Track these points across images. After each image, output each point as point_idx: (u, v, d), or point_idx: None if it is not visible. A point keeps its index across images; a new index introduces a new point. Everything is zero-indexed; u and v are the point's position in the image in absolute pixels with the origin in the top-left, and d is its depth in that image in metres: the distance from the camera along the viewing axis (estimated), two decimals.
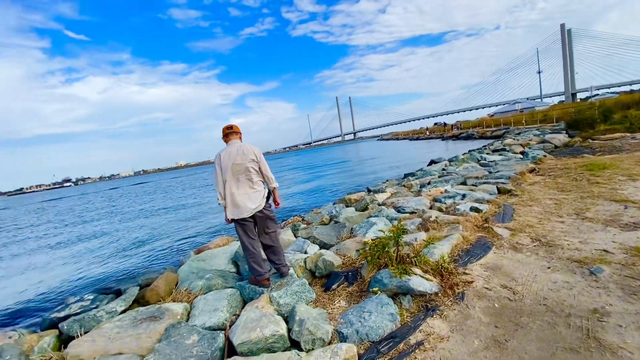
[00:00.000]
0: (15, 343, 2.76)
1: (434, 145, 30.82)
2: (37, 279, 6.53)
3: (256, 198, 2.94)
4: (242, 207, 2.89)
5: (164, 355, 2.07)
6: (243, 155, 2.89)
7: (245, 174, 2.90)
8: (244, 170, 2.89)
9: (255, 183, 2.97)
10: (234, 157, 2.88)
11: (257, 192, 2.97)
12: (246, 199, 2.90)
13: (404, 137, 66.87)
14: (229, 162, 2.88)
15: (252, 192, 2.94)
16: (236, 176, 2.89)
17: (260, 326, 2.18)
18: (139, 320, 2.69)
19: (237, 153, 2.90)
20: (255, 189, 2.97)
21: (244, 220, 2.94)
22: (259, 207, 2.95)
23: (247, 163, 2.89)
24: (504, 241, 3.48)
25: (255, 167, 2.95)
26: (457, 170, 8.51)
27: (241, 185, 2.92)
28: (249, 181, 2.93)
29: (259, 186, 3.00)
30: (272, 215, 3.10)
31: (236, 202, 2.89)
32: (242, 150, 2.92)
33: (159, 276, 3.67)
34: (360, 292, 2.92)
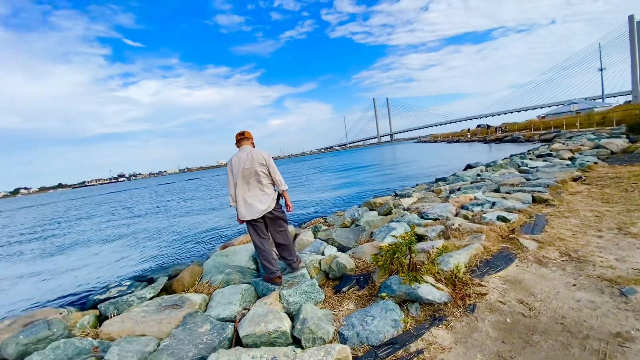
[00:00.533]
0: (63, 319, 3.15)
1: (475, 149, 29.31)
2: (89, 265, 7.30)
3: (266, 200, 3.10)
4: (253, 209, 3.05)
5: (178, 340, 2.27)
6: (252, 160, 3.05)
7: (255, 177, 3.06)
8: (253, 174, 3.05)
9: (265, 186, 3.12)
10: (244, 162, 3.05)
11: (266, 195, 3.12)
12: (257, 201, 3.06)
13: (443, 139, 64.31)
14: (239, 167, 3.05)
15: (262, 194, 3.10)
16: (247, 180, 3.06)
17: (266, 321, 2.30)
18: (163, 307, 2.95)
19: (247, 158, 3.07)
20: (265, 191, 3.12)
21: (255, 221, 3.11)
22: (268, 208, 3.10)
23: (257, 167, 3.05)
24: (529, 254, 3.29)
25: (265, 170, 3.10)
26: (492, 176, 8.08)
27: (252, 188, 3.08)
28: (259, 184, 3.09)
29: (268, 189, 3.15)
30: (282, 215, 3.25)
31: (247, 204, 3.07)
32: (251, 155, 3.08)
33: (185, 268, 3.96)
34: (369, 297, 2.94)
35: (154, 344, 2.31)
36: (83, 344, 2.49)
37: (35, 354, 2.35)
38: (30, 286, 6.28)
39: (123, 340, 2.35)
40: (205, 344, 2.21)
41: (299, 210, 9.92)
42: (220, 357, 1.90)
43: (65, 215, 22.31)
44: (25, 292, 5.89)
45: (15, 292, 5.98)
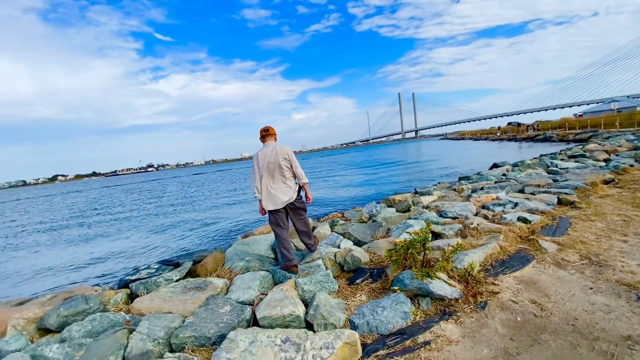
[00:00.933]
0: (99, 295, 3.47)
1: (504, 148, 28.24)
2: (121, 248, 7.83)
3: (288, 192, 3.31)
4: (276, 200, 3.27)
5: (201, 318, 2.47)
6: (277, 155, 3.25)
7: (278, 170, 3.27)
8: (277, 167, 3.26)
9: (288, 179, 3.33)
10: (269, 156, 3.25)
11: (289, 187, 3.33)
12: (280, 193, 3.28)
13: (470, 136, 62.27)
14: (265, 161, 3.26)
15: (284, 187, 3.31)
16: (271, 173, 3.27)
17: (281, 306, 2.45)
18: (188, 289, 3.18)
19: (271, 153, 3.27)
20: (287, 184, 3.33)
21: (277, 211, 3.32)
22: (290, 199, 3.32)
23: (280, 161, 3.26)
24: (548, 256, 3.24)
25: (288, 164, 3.30)
26: (518, 176, 7.84)
27: (275, 180, 3.29)
28: (282, 177, 3.30)
29: (290, 182, 3.36)
30: (302, 206, 3.49)
31: (271, 195, 3.28)
32: (276, 150, 3.28)
33: (209, 255, 4.21)
34: (382, 290, 3.03)
35: (179, 321, 2.53)
36: (116, 318, 2.76)
37: (75, 325, 2.63)
38: (69, 265, 6.84)
39: (152, 316, 2.58)
40: (225, 323, 2.39)
41: (318, 205, 10.09)
42: (238, 334, 2.07)
43: (101, 202, 23.76)
44: (64, 270, 6.43)
45: (56, 270, 6.54)
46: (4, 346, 2.45)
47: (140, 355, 2.18)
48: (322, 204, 10.17)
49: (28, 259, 8.14)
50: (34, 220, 17.12)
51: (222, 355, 1.88)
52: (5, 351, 2.41)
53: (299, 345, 1.93)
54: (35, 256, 8.33)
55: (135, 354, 2.19)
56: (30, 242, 10.80)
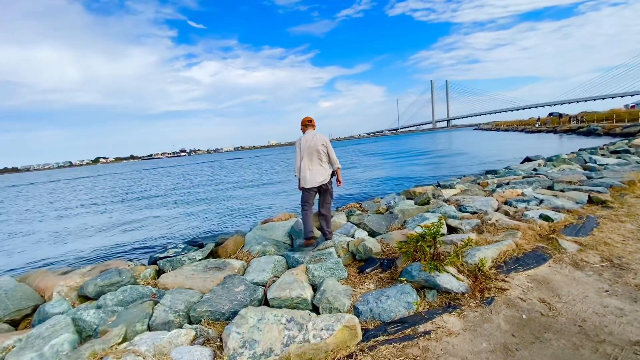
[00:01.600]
0: (131, 269, 3.82)
1: (542, 140, 26.63)
2: (154, 227, 8.41)
3: (324, 173, 3.76)
4: (312, 179, 3.69)
5: (218, 295, 2.69)
6: (316, 141, 3.71)
7: (316, 154, 3.71)
8: (316, 152, 3.71)
9: (324, 162, 3.78)
10: (310, 142, 3.71)
11: (324, 169, 3.78)
12: (316, 174, 3.72)
13: (506, 127, 59.00)
14: (305, 145, 3.70)
15: (321, 169, 3.75)
16: (310, 156, 3.70)
17: (291, 288, 2.61)
18: (208, 268, 3.43)
19: (312, 139, 3.73)
20: (323, 167, 3.78)
21: (310, 190, 3.74)
22: (324, 180, 3.75)
23: (319, 147, 3.71)
24: (566, 256, 3.15)
25: (325, 150, 3.75)
26: (549, 171, 7.45)
27: (313, 163, 3.72)
28: (319, 160, 3.73)
29: (326, 165, 3.81)
30: (331, 190, 3.91)
31: (308, 175, 3.71)
32: (316, 137, 3.75)
33: (230, 237, 4.46)
34: (390, 280, 3.10)
35: (198, 296, 2.76)
36: (144, 291, 3.05)
37: (109, 294, 2.95)
38: (108, 241, 7.48)
39: (175, 291, 2.84)
40: (239, 301, 2.59)
41: (338, 194, 10.19)
42: (248, 312, 2.25)
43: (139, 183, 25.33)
44: (104, 245, 7.05)
45: (97, 245, 7.18)
46: (50, 309, 2.81)
47: (162, 324, 2.43)
48: (342, 194, 10.25)
49: (74, 233, 8.97)
50: (84, 199, 18.64)
51: (233, 329, 2.07)
52: (51, 313, 2.76)
53: (302, 325, 2.07)
54: (80, 231, 9.17)
55: (159, 322, 2.44)
56: (78, 218, 11.83)
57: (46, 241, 8.34)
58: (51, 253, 6.91)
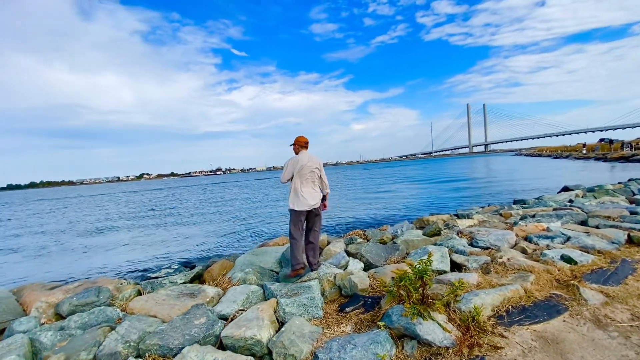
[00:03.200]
0: (116, 289, 3.76)
1: (588, 168, 24.42)
2: (169, 244, 8.55)
3: (316, 197, 3.61)
4: (303, 202, 3.50)
5: (174, 327, 2.50)
6: (312, 163, 3.58)
7: (310, 176, 3.57)
8: (310, 174, 3.56)
9: (316, 185, 3.65)
10: (305, 163, 3.54)
11: (317, 193, 3.64)
12: (308, 196, 3.54)
13: (549, 153, 55.22)
14: (300, 166, 3.54)
15: (313, 191, 3.60)
16: (304, 177, 3.54)
17: (248, 327, 2.35)
18: (183, 294, 3.27)
19: (307, 160, 3.57)
20: (315, 190, 3.63)
21: (301, 213, 3.54)
22: (316, 204, 3.59)
23: (313, 169, 3.58)
24: (587, 309, 2.61)
25: (318, 173, 3.63)
26: (586, 204, 6.62)
27: (306, 184, 3.56)
28: (312, 182, 3.59)
29: (318, 188, 3.67)
30: (321, 215, 3.73)
31: (301, 197, 3.52)
32: (312, 159, 3.61)
33: (217, 262, 4.31)
34: (371, 322, 2.74)
35: (155, 326, 2.59)
36: (112, 314, 2.94)
37: (76, 315, 2.87)
38: (119, 255, 7.66)
39: (135, 318, 2.69)
40: (191, 336, 2.37)
41: (347, 219, 9.83)
42: (190, 351, 2.03)
43: (172, 199, 26.53)
44: (113, 259, 7.21)
45: (107, 258, 7.37)
46: (17, 326, 2.78)
47: (108, 355, 2.27)
48: (352, 219, 9.86)
49: (95, 246, 9.36)
50: (121, 212, 19.77)
51: None
52: (16, 331, 2.72)
53: None
54: (95, 243, 9.57)
55: (105, 353, 2.28)
56: (103, 232, 12.44)
57: (69, 253, 8.75)
58: (66, 265, 7.18)
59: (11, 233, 14.03)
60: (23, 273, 6.82)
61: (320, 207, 3.71)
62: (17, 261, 8.24)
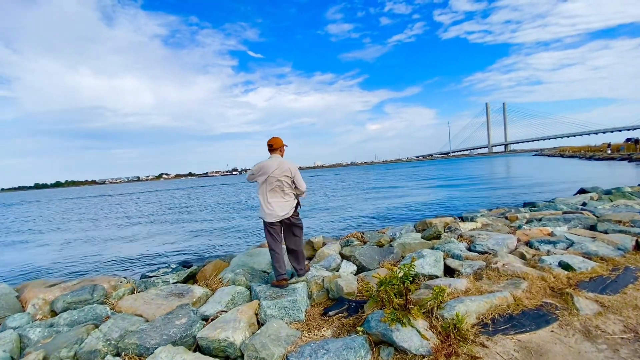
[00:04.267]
0: (112, 287, 3.87)
1: (612, 169, 23.34)
2: (177, 242, 8.75)
3: (286, 207, 3.33)
4: (271, 213, 3.29)
5: (154, 327, 2.54)
6: (280, 170, 3.29)
7: (278, 185, 3.30)
8: (278, 182, 3.29)
9: (287, 194, 3.35)
10: (272, 170, 3.28)
11: (287, 202, 3.35)
12: (277, 207, 3.30)
13: (572, 153, 53.00)
14: (266, 174, 3.29)
15: (282, 201, 3.33)
16: (271, 186, 3.30)
17: (223, 328, 2.36)
18: (172, 294, 3.33)
19: (276, 167, 3.30)
20: (285, 199, 3.35)
21: (272, 224, 3.33)
22: (286, 214, 3.33)
23: (282, 177, 3.29)
24: (579, 319, 2.48)
25: (289, 180, 3.33)
26: (599, 207, 6.31)
27: (274, 194, 3.32)
28: (281, 192, 3.32)
29: (289, 197, 3.38)
30: (298, 223, 3.46)
31: (268, 208, 3.30)
32: (282, 165, 3.32)
33: (211, 262, 4.36)
34: (352, 327, 2.70)
35: (138, 325, 2.64)
36: (100, 312, 3.02)
37: (66, 312, 2.97)
38: (126, 253, 7.88)
39: (120, 316, 2.76)
40: (169, 336, 2.40)
41: (350, 219, 9.75)
42: (162, 351, 2.06)
43: (190, 198, 27.14)
44: (119, 257, 7.43)
45: (114, 256, 7.59)
46: (9, 322, 2.90)
47: (87, 352, 2.33)
48: (355, 219, 9.77)
49: (103, 243, 9.68)
50: (138, 210, 20.39)
51: None
52: (7, 327, 2.83)
53: None
54: (109, 240, 9.89)
55: (85, 350, 2.34)
56: (119, 228, 12.85)
57: (82, 249, 9.08)
58: (74, 262, 7.45)
59: (34, 229, 14.71)
60: (33, 268, 7.12)
61: (295, 216, 3.40)
62: (32, 257, 8.61)
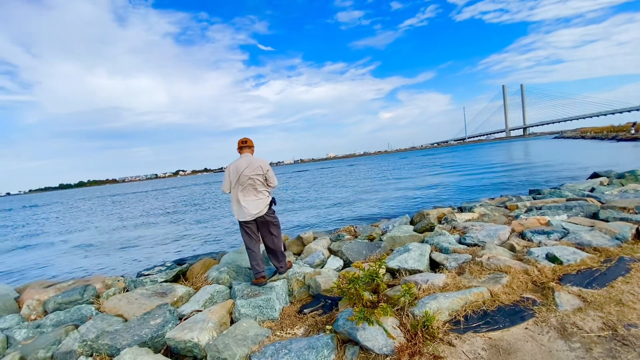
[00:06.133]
0: (105, 286, 3.99)
1: (638, 150, 22.17)
2: (173, 240, 8.95)
3: (259, 205, 3.31)
4: (246, 212, 3.29)
5: (128, 327, 2.60)
6: (251, 168, 3.27)
7: (250, 183, 3.29)
8: (250, 180, 3.28)
9: (259, 192, 3.34)
10: (242, 169, 3.27)
11: (260, 200, 3.33)
12: (250, 205, 3.29)
13: (594, 135, 50.64)
14: (238, 173, 3.28)
15: (255, 199, 3.31)
16: (243, 185, 3.29)
17: (191, 329, 2.39)
18: (155, 293, 3.40)
19: (245, 165, 3.29)
20: (259, 197, 3.33)
21: (247, 223, 3.34)
22: (260, 213, 3.31)
23: (253, 175, 3.28)
24: (556, 315, 2.37)
25: (261, 178, 3.33)
26: (607, 193, 6.01)
27: (247, 193, 3.31)
28: (254, 190, 3.31)
29: (262, 195, 3.36)
30: (274, 221, 3.44)
31: (242, 207, 3.30)
32: (252, 163, 3.31)
33: (201, 259, 4.42)
34: (325, 325, 2.69)
35: (114, 326, 2.71)
36: (87, 313, 3.12)
37: (54, 313, 3.08)
38: (131, 252, 8.13)
39: (99, 316, 2.84)
40: (140, 337, 2.46)
41: (349, 212, 9.67)
42: (127, 353, 2.10)
43: (200, 194, 27.69)
44: (125, 256, 7.67)
45: (115, 256, 7.84)
46: (0, 323, 3.03)
47: (64, 353, 2.41)
48: (354, 212, 9.68)
49: (111, 242, 10.02)
50: (154, 207, 20.99)
51: None
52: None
53: None
54: (117, 239, 10.23)
55: (62, 351, 2.43)
56: (129, 226, 13.27)
57: (92, 249, 9.44)
58: (79, 262, 7.75)
59: (51, 231, 15.38)
60: (43, 269, 7.45)
61: (270, 214, 3.37)
62: (47, 257, 9.02)
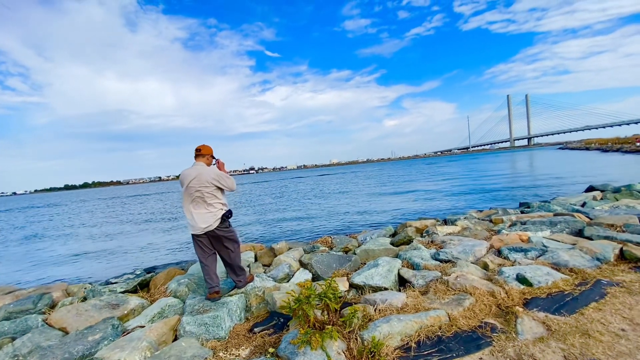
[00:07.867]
0: (65, 295, 3.85)
1: None
2: (155, 247, 8.83)
3: (209, 219, 3.09)
4: (194, 226, 3.09)
5: (63, 344, 2.45)
6: (199, 180, 3.06)
7: (199, 196, 3.08)
8: (198, 192, 3.07)
9: (209, 205, 3.11)
10: (189, 180, 3.07)
11: (210, 214, 3.11)
12: (199, 219, 3.08)
13: (599, 146, 50.19)
14: (185, 183, 3.09)
15: (205, 212, 3.10)
16: (192, 197, 3.09)
17: (122, 348, 2.25)
18: (108, 305, 3.25)
19: (193, 176, 3.07)
20: (209, 210, 3.11)
21: (198, 236, 3.14)
22: (210, 227, 3.10)
23: (202, 187, 3.06)
24: (514, 345, 2.20)
25: (210, 190, 3.09)
26: (597, 208, 5.79)
27: (196, 205, 3.11)
28: (204, 202, 3.10)
29: (213, 208, 3.13)
30: (228, 235, 3.22)
31: (191, 219, 3.12)
32: (201, 174, 3.08)
33: (166, 269, 4.28)
34: (272, 345, 2.53)
35: (51, 342, 2.57)
36: (32, 324, 2.97)
37: (0, 323, 2.94)
38: (109, 255, 8.01)
39: (38, 330, 2.70)
40: (70, 354, 2.31)
41: (329, 223, 9.49)
42: None
43: None
44: (99, 262, 7.55)
45: (96, 259, 7.72)
46: None
47: None
48: (339, 221, 9.50)
49: (79, 246, 9.91)
50: (155, 210, 20.95)
51: None
52: None
53: None
54: (88, 244, 10.13)
55: None
56: (112, 231, 13.18)
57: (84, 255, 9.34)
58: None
59: (64, 234, 15.35)
60: (20, 274, 7.35)
61: (223, 228, 3.14)
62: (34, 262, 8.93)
